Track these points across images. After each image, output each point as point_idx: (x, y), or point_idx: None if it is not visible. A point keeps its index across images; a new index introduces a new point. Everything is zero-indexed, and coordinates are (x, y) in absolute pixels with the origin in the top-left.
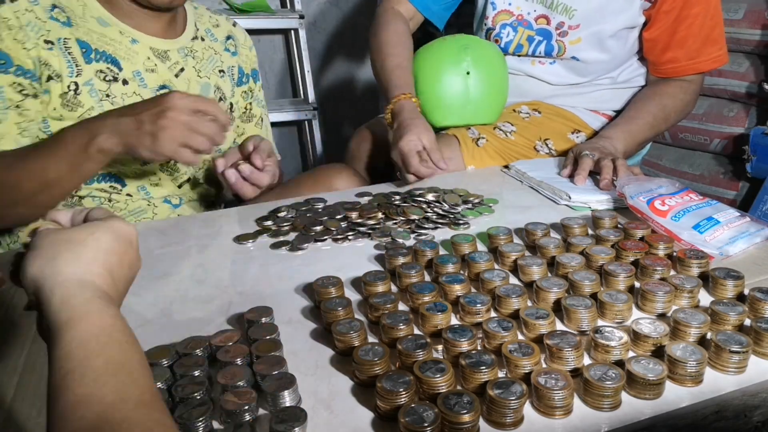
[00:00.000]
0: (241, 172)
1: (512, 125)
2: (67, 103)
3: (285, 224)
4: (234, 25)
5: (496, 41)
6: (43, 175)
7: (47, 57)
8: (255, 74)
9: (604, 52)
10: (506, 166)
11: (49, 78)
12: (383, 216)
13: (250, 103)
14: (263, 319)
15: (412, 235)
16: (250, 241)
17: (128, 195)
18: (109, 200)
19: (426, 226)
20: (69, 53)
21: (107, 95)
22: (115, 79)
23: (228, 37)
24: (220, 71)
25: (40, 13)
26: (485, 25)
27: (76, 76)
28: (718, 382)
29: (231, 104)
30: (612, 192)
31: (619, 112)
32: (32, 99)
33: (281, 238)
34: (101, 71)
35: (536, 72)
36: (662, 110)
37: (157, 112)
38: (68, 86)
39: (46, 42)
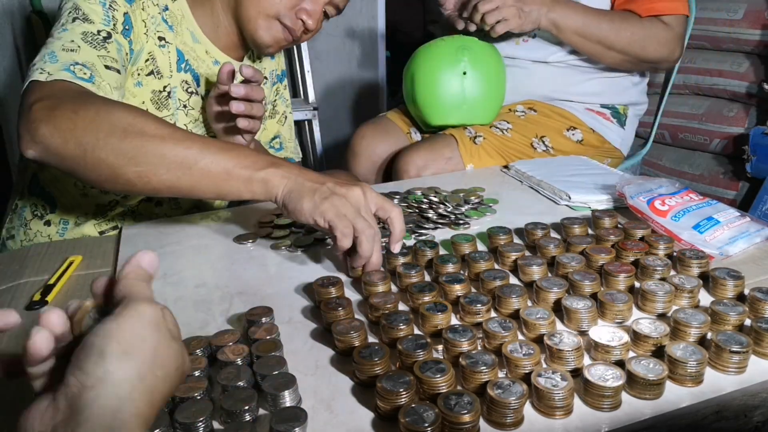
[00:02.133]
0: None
1: (508, 123)
2: (156, 101)
3: (285, 224)
4: None
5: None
6: (190, 161)
7: (157, 53)
8: (284, 74)
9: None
10: (506, 166)
11: (150, 72)
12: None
13: (276, 100)
14: (263, 319)
15: (413, 236)
16: (250, 241)
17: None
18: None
19: (426, 226)
20: (170, 56)
21: (184, 105)
22: (193, 93)
23: None
24: (264, 78)
25: (156, 11)
26: None
27: (170, 78)
28: (718, 382)
29: (268, 104)
30: (612, 192)
31: (612, 108)
32: (117, 44)
33: (281, 239)
34: (186, 82)
35: (520, 53)
36: (621, 17)
37: (342, 190)
38: (164, 87)
39: (160, 39)
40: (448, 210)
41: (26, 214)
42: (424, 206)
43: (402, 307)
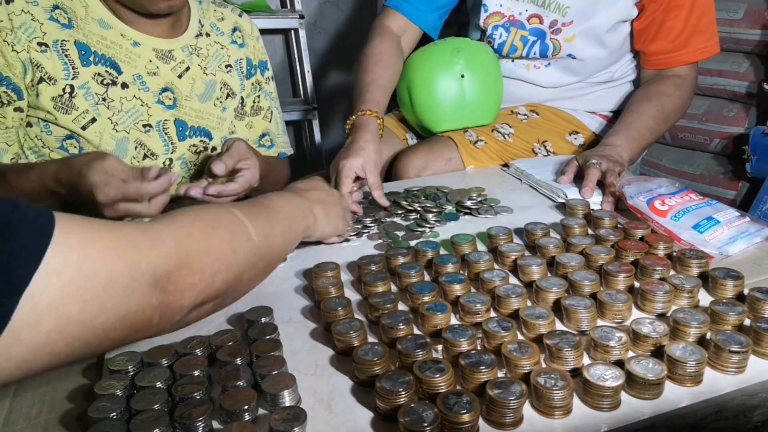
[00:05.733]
0: (206, 192)
1: (510, 127)
2: (61, 106)
3: None
4: (240, 15)
5: (489, 42)
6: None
7: (39, 59)
8: (263, 65)
9: (601, 48)
10: (505, 164)
11: (41, 80)
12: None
13: (258, 96)
14: (263, 319)
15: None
16: None
17: None
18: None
19: (424, 225)
20: (66, 56)
21: (103, 99)
22: (114, 83)
23: (234, 29)
24: (227, 66)
25: (39, 14)
26: (478, 27)
27: (72, 78)
28: (717, 382)
29: (242, 99)
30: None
31: (616, 113)
32: (7, 107)
33: None
34: (99, 74)
35: (531, 77)
36: (661, 111)
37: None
38: (63, 89)
39: (40, 44)
40: (466, 205)
41: None
42: (417, 205)
43: (402, 307)
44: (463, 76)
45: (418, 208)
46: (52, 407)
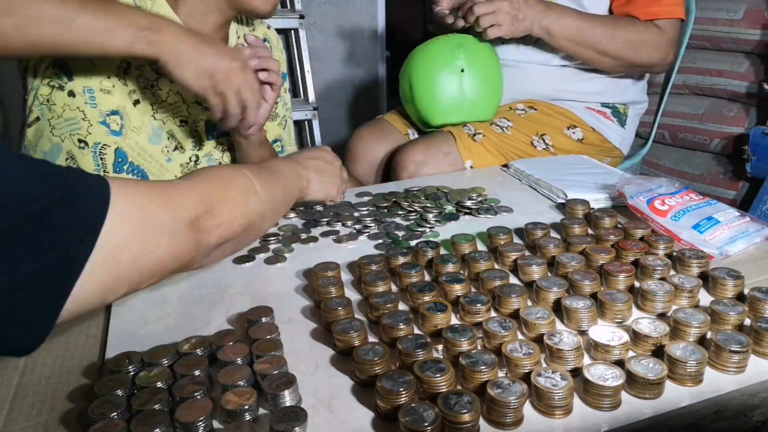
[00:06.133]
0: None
1: (509, 121)
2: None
3: (285, 226)
4: (268, 27)
5: None
6: (69, 16)
7: None
8: (284, 76)
9: (577, 5)
10: (505, 165)
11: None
12: (385, 212)
13: (277, 104)
14: (263, 319)
15: (410, 234)
16: None
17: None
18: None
19: (424, 225)
20: None
21: (152, 85)
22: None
23: (264, 40)
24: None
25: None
26: None
27: (123, 61)
28: (718, 382)
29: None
30: (610, 191)
31: (612, 108)
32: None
33: (282, 239)
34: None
35: (522, 56)
36: (614, 22)
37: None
38: (118, 65)
39: None
40: (465, 204)
41: (42, 90)
42: (417, 205)
43: (402, 306)
44: (463, 71)
45: (418, 208)
46: (52, 407)
